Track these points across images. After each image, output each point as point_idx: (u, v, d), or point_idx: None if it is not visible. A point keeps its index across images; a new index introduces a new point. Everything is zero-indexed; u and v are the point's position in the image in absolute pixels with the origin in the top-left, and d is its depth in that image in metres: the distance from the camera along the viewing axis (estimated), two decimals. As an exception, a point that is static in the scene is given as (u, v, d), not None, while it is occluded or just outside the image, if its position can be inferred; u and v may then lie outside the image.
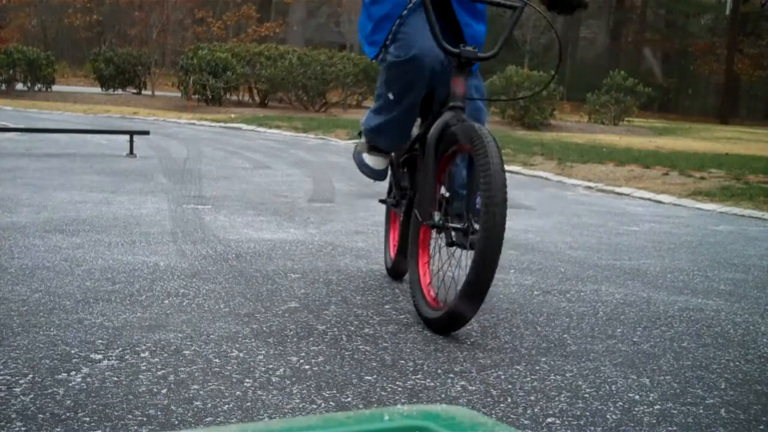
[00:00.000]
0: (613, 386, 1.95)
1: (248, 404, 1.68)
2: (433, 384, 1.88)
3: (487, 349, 2.18)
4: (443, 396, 1.81)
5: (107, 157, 7.36)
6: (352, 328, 2.29)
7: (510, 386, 1.89)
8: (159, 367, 1.87)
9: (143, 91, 21.12)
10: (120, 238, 3.47)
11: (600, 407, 1.80)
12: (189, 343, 2.06)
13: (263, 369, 1.90)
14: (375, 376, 1.90)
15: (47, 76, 20.32)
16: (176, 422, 1.57)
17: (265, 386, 1.79)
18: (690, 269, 3.59)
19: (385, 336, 2.23)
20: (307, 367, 1.94)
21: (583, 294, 2.94)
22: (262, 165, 7.62)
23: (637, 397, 1.89)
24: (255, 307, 2.45)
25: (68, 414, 1.59)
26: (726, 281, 3.37)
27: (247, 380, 1.82)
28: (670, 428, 1.71)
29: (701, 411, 1.82)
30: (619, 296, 2.94)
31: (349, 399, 1.75)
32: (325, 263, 3.19)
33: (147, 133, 8.60)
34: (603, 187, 7.47)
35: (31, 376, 1.78)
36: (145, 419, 1.58)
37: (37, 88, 20.20)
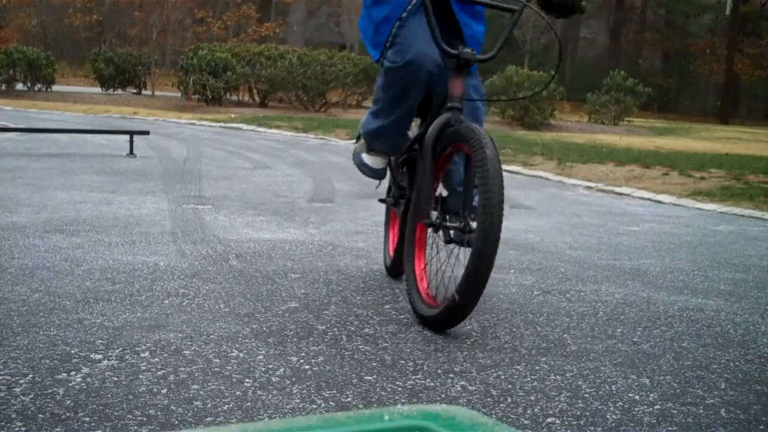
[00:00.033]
0: (613, 386, 1.95)
1: (248, 404, 1.68)
2: (433, 384, 1.88)
3: (487, 349, 2.18)
4: (443, 396, 1.81)
5: (107, 157, 7.36)
6: (352, 328, 2.29)
7: (510, 386, 1.89)
8: (159, 367, 1.87)
9: (143, 91, 21.12)
10: (120, 238, 3.47)
11: (600, 407, 1.80)
12: (189, 343, 2.06)
13: (263, 369, 1.90)
14: (375, 376, 1.90)
15: (47, 76, 20.31)
16: (176, 422, 1.57)
17: (265, 386, 1.79)
18: (690, 269, 3.59)
19: (385, 336, 2.24)
20: (307, 367, 1.94)
21: (583, 294, 2.94)
22: (262, 165, 7.62)
23: (637, 397, 1.89)
24: (255, 307, 2.45)
25: (68, 414, 1.59)
26: (726, 281, 3.37)
27: (247, 380, 1.82)
28: (670, 428, 1.71)
29: (701, 411, 1.82)
30: (619, 296, 2.94)
31: (349, 399, 1.75)
32: (325, 263, 3.19)
33: (147, 133, 8.60)
34: (603, 187, 7.47)
35: (31, 376, 1.78)
36: (145, 419, 1.58)
37: (37, 88, 20.20)
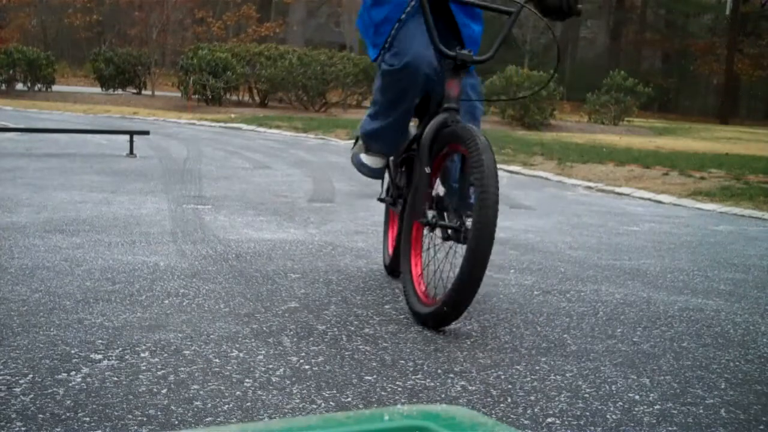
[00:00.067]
0: (613, 386, 1.95)
1: (248, 404, 1.68)
2: (433, 384, 1.88)
3: (487, 349, 2.18)
4: (443, 396, 1.81)
5: (107, 157, 7.36)
6: (352, 328, 2.29)
7: (510, 386, 1.89)
8: (159, 367, 1.87)
9: (143, 91, 21.11)
10: (120, 238, 3.47)
11: (600, 407, 1.80)
12: (189, 343, 2.06)
13: (263, 369, 1.90)
14: (375, 376, 1.90)
15: (47, 76, 20.31)
16: (176, 422, 1.57)
17: (265, 386, 1.79)
18: (690, 269, 3.59)
19: (385, 336, 2.24)
20: (307, 367, 1.94)
21: (583, 294, 2.94)
22: (262, 165, 7.62)
23: (637, 397, 1.89)
24: (255, 307, 2.45)
25: (68, 414, 1.59)
26: (726, 281, 3.37)
27: (247, 380, 1.82)
28: (670, 428, 1.71)
29: (701, 411, 1.82)
30: (619, 296, 2.94)
31: (349, 399, 1.75)
32: (325, 263, 3.19)
33: (147, 133, 8.60)
34: (603, 187, 7.47)
35: (31, 376, 1.78)
36: (145, 419, 1.58)
37: (37, 88, 20.19)
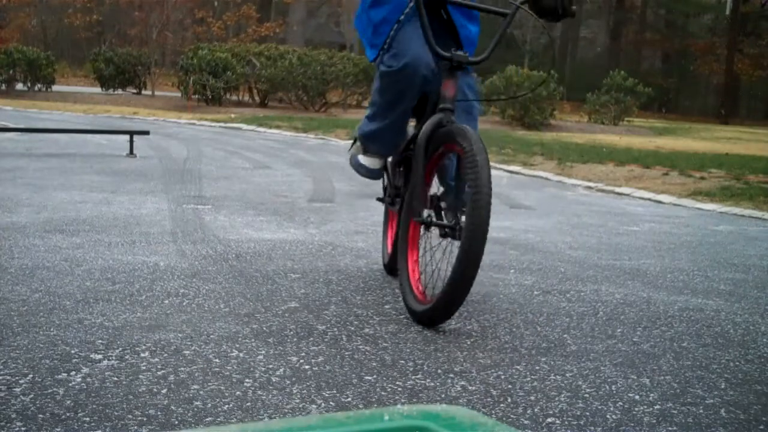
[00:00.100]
0: (613, 386, 1.95)
1: (248, 404, 1.68)
2: (433, 384, 1.88)
3: (487, 349, 2.18)
4: (443, 396, 1.81)
5: (107, 157, 7.36)
6: (352, 328, 2.29)
7: (510, 386, 1.89)
8: (159, 367, 1.87)
9: (143, 91, 21.10)
10: (120, 238, 3.47)
11: (600, 407, 1.80)
12: (189, 343, 2.06)
13: (263, 369, 1.90)
14: (375, 376, 1.90)
15: (47, 76, 20.29)
16: (176, 422, 1.57)
17: (265, 386, 1.79)
18: (690, 269, 3.59)
19: (385, 336, 2.24)
20: (307, 367, 1.94)
21: (583, 294, 2.94)
22: (262, 165, 7.62)
23: (637, 397, 1.89)
24: (255, 307, 2.45)
25: (68, 414, 1.59)
26: (726, 281, 3.37)
27: (247, 380, 1.82)
28: (670, 428, 1.71)
29: (701, 411, 1.82)
30: (619, 296, 2.94)
31: (349, 399, 1.75)
32: (325, 263, 3.19)
33: (147, 133, 8.60)
34: (603, 187, 7.47)
35: (31, 376, 1.78)
36: (145, 419, 1.58)
37: (37, 88, 20.18)
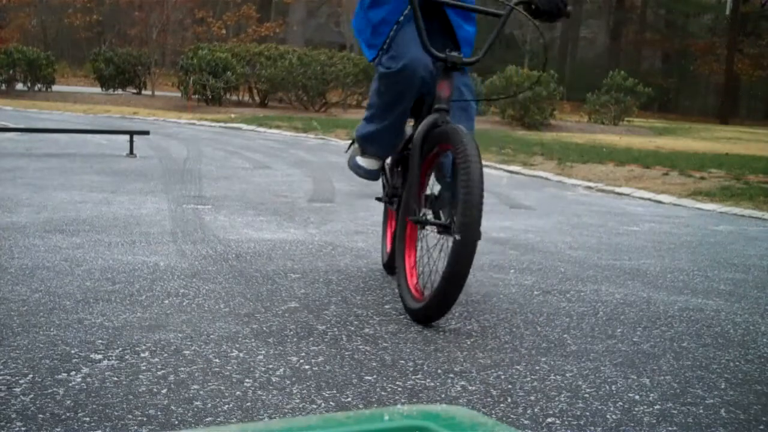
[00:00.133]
0: (613, 386, 1.95)
1: (248, 404, 1.68)
2: (433, 384, 1.88)
3: (487, 349, 2.18)
4: (443, 396, 1.81)
5: (107, 157, 7.36)
6: (352, 328, 2.29)
7: (510, 386, 1.89)
8: (159, 367, 1.87)
9: (143, 91, 21.10)
10: (120, 238, 3.47)
11: (600, 407, 1.80)
12: (189, 343, 2.06)
13: (263, 369, 1.90)
14: (375, 376, 1.90)
15: (47, 76, 20.29)
16: (176, 422, 1.57)
17: (265, 386, 1.79)
18: (690, 269, 3.59)
19: (385, 336, 2.24)
20: (307, 367, 1.94)
21: (583, 294, 2.94)
22: (262, 165, 7.62)
23: (637, 397, 1.89)
24: (255, 307, 2.45)
25: (68, 414, 1.59)
26: (726, 281, 3.37)
27: (247, 380, 1.82)
28: (670, 428, 1.71)
29: (701, 411, 1.82)
30: (619, 296, 2.94)
31: (349, 399, 1.75)
32: (325, 263, 3.19)
33: (147, 133, 8.60)
34: (603, 187, 7.47)
35: (31, 376, 1.78)
36: (145, 419, 1.58)
37: (37, 88, 20.18)
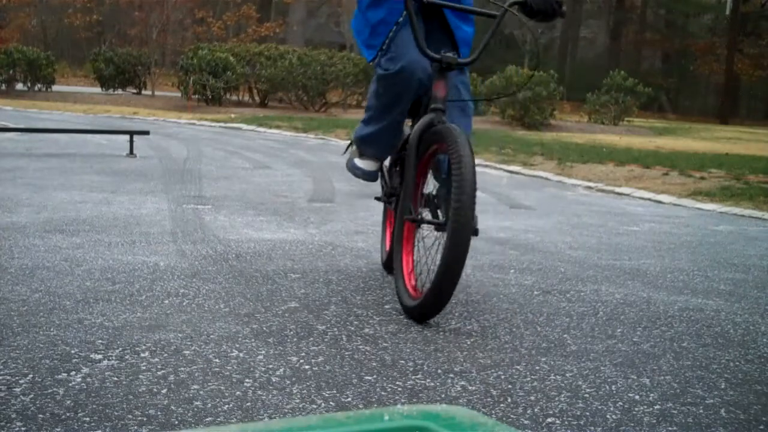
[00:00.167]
0: (613, 386, 1.95)
1: (248, 404, 1.68)
2: (433, 384, 1.88)
3: (487, 349, 2.18)
4: (443, 396, 1.81)
5: (107, 157, 7.36)
6: (352, 328, 2.29)
7: (510, 386, 1.89)
8: (159, 367, 1.87)
9: (143, 91, 21.09)
10: (120, 238, 3.47)
11: (600, 407, 1.80)
12: (189, 343, 2.06)
13: (263, 369, 1.90)
14: (375, 376, 1.90)
15: (47, 76, 20.28)
16: (176, 422, 1.57)
17: (265, 386, 1.79)
18: (690, 269, 3.59)
19: (385, 336, 2.24)
20: (307, 367, 1.94)
21: (583, 294, 2.94)
22: (262, 165, 7.62)
23: (637, 397, 1.89)
24: (255, 307, 2.45)
25: (68, 414, 1.59)
26: (726, 281, 3.37)
27: (247, 380, 1.82)
28: (670, 428, 1.71)
29: (701, 411, 1.82)
30: (619, 296, 2.94)
31: (349, 399, 1.75)
32: (325, 263, 3.19)
33: (147, 133, 8.60)
34: (603, 187, 7.47)
35: (31, 376, 1.78)
36: (145, 419, 1.58)
37: (37, 88, 20.17)
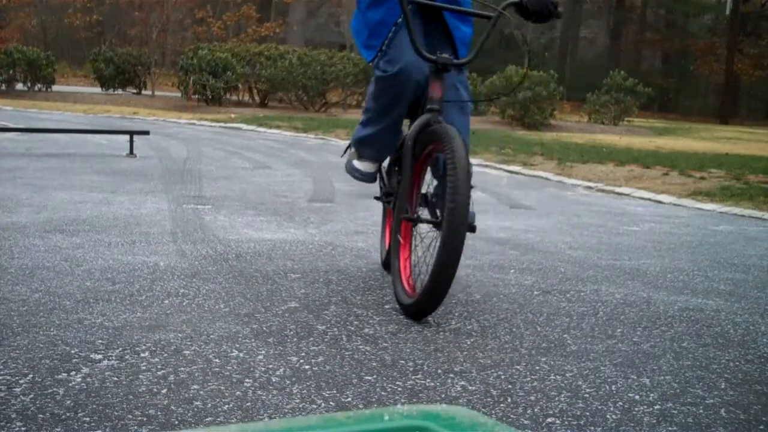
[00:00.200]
0: (613, 386, 1.95)
1: (248, 404, 1.68)
2: (433, 384, 1.88)
3: (487, 349, 2.18)
4: (443, 396, 1.81)
5: (107, 157, 7.36)
6: (352, 328, 2.29)
7: (510, 386, 1.89)
8: (159, 367, 1.87)
9: (143, 91, 21.09)
10: (120, 238, 3.47)
11: (600, 407, 1.80)
12: (189, 343, 2.06)
13: (263, 369, 1.90)
14: (375, 376, 1.90)
15: (47, 76, 20.27)
16: (176, 422, 1.57)
17: (265, 386, 1.79)
18: (690, 269, 3.59)
19: (385, 336, 2.24)
20: (307, 367, 1.94)
21: (583, 294, 2.94)
22: (262, 165, 7.62)
23: (637, 397, 1.89)
24: (255, 307, 2.45)
25: (68, 414, 1.59)
26: (726, 281, 3.37)
27: (247, 380, 1.82)
28: (670, 428, 1.71)
29: (701, 411, 1.82)
30: (619, 296, 2.94)
31: (349, 399, 1.76)
32: (325, 263, 3.19)
33: (147, 133, 8.59)
34: (603, 187, 7.47)
35: (31, 376, 1.78)
36: (145, 419, 1.58)
37: (37, 88, 20.16)
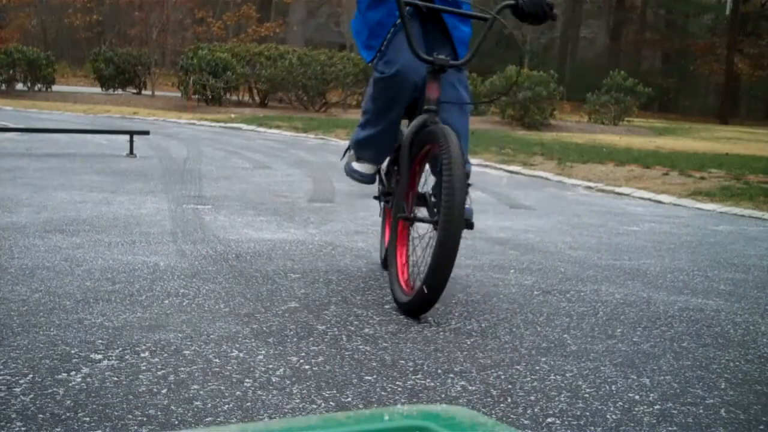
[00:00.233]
0: (613, 386, 1.95)
1: (248, 404, 1.68)
2: (433, 384, 1.88)
3: (487, 349, 2.18)
4: (443, 396, 1.81)
5: (107, 157, 7.36)
6: (352, 328, 2.29)
7: (510, 386, 1.89)
8: (159, 367, 1.87)
9: (143, 91, 21.09)
10: (120, 238, 3.47)
11: (600, 407, 1.80)
12: (189, 343, 2.06)
13: (263, 369, 1.90)
14: (375, 376, 1.90)
15: (47, 76, 20.27)
16: (176, 422, 1.57)
17: (265, 386, 1.79)
18: (690, 269, 3.59)
19: (385, 336, 2.24)
20: (307, 367, 1.94)
21: (583, 294, 2.94)
22: (262, 165, 7.62)
23: (637, 397, 1.89)
24: (255, 307, 2.45)
25: (68, 414, 1.59)
26: (726, 281, 3.37)
27: (247, 380, 1.82)
28: (670, 428, 1.71)
29: (701, 411, 1.82)
30: (619, 296, 2.94)
31: (349, 399, 1.76)
32: (325, 263, 3.19)
33: (147, 133, 8.60)
34: (603, 187, 7.47)
35: (31, 376, 1.78)
36: (145, 419, 1.58)
37: (37, 88, 20.16)
